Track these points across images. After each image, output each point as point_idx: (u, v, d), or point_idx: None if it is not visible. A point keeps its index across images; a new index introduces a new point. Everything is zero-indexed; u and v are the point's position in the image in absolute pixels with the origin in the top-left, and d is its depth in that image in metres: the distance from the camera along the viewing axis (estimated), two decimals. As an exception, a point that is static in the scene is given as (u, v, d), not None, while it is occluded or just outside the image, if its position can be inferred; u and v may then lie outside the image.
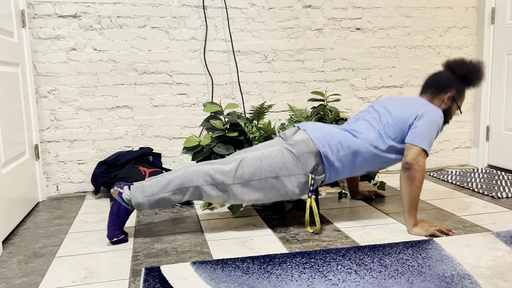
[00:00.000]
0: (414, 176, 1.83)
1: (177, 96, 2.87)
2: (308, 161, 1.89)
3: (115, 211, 1.84)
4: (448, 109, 2.06)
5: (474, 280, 1.43)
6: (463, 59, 2.05)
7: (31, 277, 1.57)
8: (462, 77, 2.03)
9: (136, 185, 1.88)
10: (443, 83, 2.03)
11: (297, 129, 2.03)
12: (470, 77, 2.03)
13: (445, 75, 2.04)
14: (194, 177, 1.87)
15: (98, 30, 2.70)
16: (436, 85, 2.04)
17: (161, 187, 1.86)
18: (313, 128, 1.97)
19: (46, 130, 2.71)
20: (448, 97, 2.03)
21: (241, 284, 1.44)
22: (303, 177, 1.89)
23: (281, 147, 1.92)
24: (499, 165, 3.15)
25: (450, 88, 2.03)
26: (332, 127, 2.00)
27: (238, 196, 1.89)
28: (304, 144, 1.90)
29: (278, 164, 1.88)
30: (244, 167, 1.88)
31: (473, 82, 2.04)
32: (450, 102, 2.04)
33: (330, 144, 1.91)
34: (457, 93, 2.04)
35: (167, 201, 1.87)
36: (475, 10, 3.24)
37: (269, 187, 1.89)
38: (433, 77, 2.07)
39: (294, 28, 2.98)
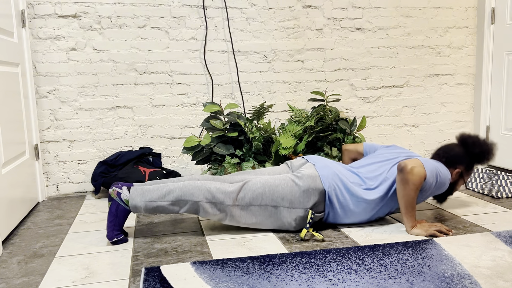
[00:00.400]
0: (407, 179, 1.82)
1: (177, 96, 2.87)
2: (311, 196, 1.89)
3: (113, 211, 1.84)
4: (454, 183, 2.08)
5: (474, 280, 1.43)
6: (478, 137, 2.08)
7: (31, 277, 1.57)
8: (474, 156, 2.06)
9: (136, 188, 1.88)
10: (455, 158, 2.05)
11: (305, 162, 2.03)
12: (482, 158, 2.06)
13: (458, 151, 2.06)
14: (195, 192, 1.87)
15: (98, 30, 2.70)
16: (447, 159, 2.06)
17: (160, 195, 1.86)
18: (322, 164, 1.97)
19: (46, 130, 2.71)
20: (456, 173, 2.05)
21: (241, 284, 1.44)
22: (302, 212, 1.90)
23: (287, 177, 1.92)
24: (499, 165, 3.15)
25: (460, 164, 2.05)
26: (341, 167, 2.00)
27: (235, 218, 1.90)
28: (311, 180, 1.90)
29: (281, 194, 1.88)
30: (246, 191, 1.88)
31: (483, 163, 2.08)
32: (457, 178, 2.07)
33: (336, 185, 1.92)
34: (466, 169, 2.07)
35: (164, 209, 1.88)
36: (475, 10, 3.24)
37: (267, 215, 1.90)
38: (445, 149, 2.08)
39: (294, 28, 2.98)
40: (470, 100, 3.33)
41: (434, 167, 1.89)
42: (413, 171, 1.81)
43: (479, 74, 3.25)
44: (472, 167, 2.09)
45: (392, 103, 3.21)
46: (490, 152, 2.06)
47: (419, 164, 1.84)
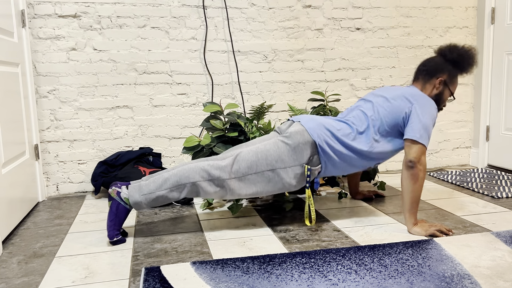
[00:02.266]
0: (418, 175, 1.83)
1: (177, 96, 2.87)
2: (304, 152, 1.89)
3: (114, 210, 1.84)
4: (440, 94, 2.05)
5: (474, 280, 1.43)
6: (455, 44, 2.05)
7: (31, 277, 1.57)
8: (453, 61, 2.03)
9: (133, 184, 1.88)
10: (434, 67, 2.03)
11: (292, 122, 2.04)
12: (461, 62, 2.02)
13: (437, 60, 2.04)
14: (190, 173, 1.87)
15: (98, 30, 2.70)
16: (427, 70, 2.04)
17: (158, 185, 1.86)
18: (308, 119, 1.98)
19: (46, 130, 2.71)
20: (439, 82, 2.02)
21: (241, 284, 1.44)
22: (299, 169, 1.89)
23: (276, 140, 1.93)
24: (499, 165, 3.15)
25: (441, 72, 2.02)
26: (327, 119, 2.01)
27: (235, 191, 1.89)
28: (299, 135, 1.90)
29: (273, 156, 1.88)
30: (240, 162, 1.88)
31: (464, 67, 2.04)
32: (441, 87, 2.03)
33: (324, 135, 1.92)
34: (449, 77, 2.03)
35: (165, 198, 1.87)
36: (475, 10, 3.24)
37: (266, 180, 1.90)
38: (425, 62, 2.07)
39: (294, 28, 2.98)
40: (470, 100, 3.33)
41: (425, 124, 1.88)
42: (421, 166, 1.84)
43: (479, 74, 3.25)
44: (454, 74, 2.04)
45: (392, 103, 3.21)
46: (469, 55, 2.01)
47: (421, 151, 1.85)
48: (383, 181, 2.73)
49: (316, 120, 1.97)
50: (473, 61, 2.03)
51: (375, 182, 2.71)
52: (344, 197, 2.54)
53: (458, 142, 3.35)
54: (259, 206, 2.41)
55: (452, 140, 3.34)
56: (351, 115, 2.03)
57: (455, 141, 3.35)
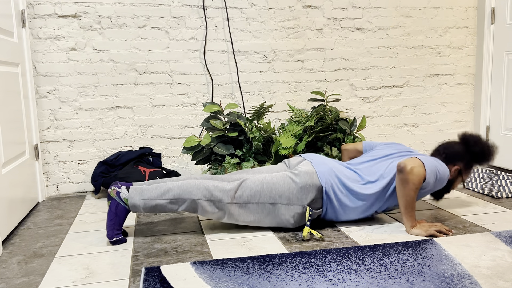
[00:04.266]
0: (407, 179, 1.82)
1: (177, 96, 2.87)
2: (309, 193, 1.90)
3: (113, 210, 1.85)
4: (453, 181, 2.08)
5: (474, 280, 1.43)
6: (479, 137, 2.08)
7: (31, 277, 1.57)
8: (474, 155, 2.06)
9: (135, 187, 1.88)
10: (455, 155, 2.05)
11: (303, 159, 2.04)
12: (482, 157, 2.06)
13: (457, 148, 2.06)
14: (193, 190, 1.88)
15: (98, 30, 2.70)
16: (447, 155, 2.06)
17: (159, 193, 1.87)
18: (319, 162, 1.98)
19: (46, 130, 2.71)
20: (455, 170, 2.05)
21: (241, 284, 1.44)
22: (300, 209, 1.90)
23: (284, 174, 1.93)
24: (499, 165, 3.15)
25: (459, 162, 2.05)
26: (338, 164, 2.01)
27: (233, 216, 1.91)
28: (308, 176, 1.90)
29: (278, 191, 1.89)
30: (244, 189, 1.89)
31: (482, 163, 2.08)
32: (456, 175, 2.07)
33: (333, 181, 1.93)
34: (465, 167, 2.07)
35: (163, 208, 1.88)
36: (475, 10, 3.24)
37: (266, 212, 1.91)
38: (446, 146, 2.09)
39: (294, 28, 2.98)
40: (470, 100, 3.33)
41: (433, 164, 1.89)
42: (413, 171, 1.81)
43: (479, 74, 3.25)
44: (471, 165, 2.08)
45: (392, 103, 3.21)
46: (490, 153, 2.06)
47: (419, 164, 1.84)
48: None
49: (327, 164, 1.97)
50: (492, 158, 2.07)
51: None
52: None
53: (458, 142, 3.35)
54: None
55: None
56: (362, 167, 2.02)
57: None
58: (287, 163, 2.09)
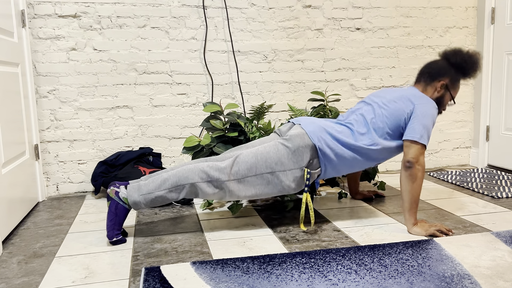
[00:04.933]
0: (416, 175, 1.83)
1: (177, 96, 2.87)
2: (304, 155, 1.89)
3: (113, 210, 1.84)
4: (441, 98, 2.05)
5: (474, 280, 1.43)
6: (460, 48, 2.05)
7: (31, 277, 1.57)
8: (456, 65, 2.02)
9: (132, 184, 1.88)
10: (437, 70, 2.03)
11: (292, 125, 2.03)
12: (464, 66, 2.01)
13: (440, 63, 2.04)
14: (189, 174, 1.87)
15: (98, 30, 2.70)
16: (430, 73, 2.04)
17: (156, 185, 1.86)
18: (308, 121, 1.98)
19: (46, 130, 2.71)
20: (441, 85, 2.02)
21: (241, 284, 1.44)
22: (299, 172, 1.89)
23: (276, 142, 1.93)
24: (499, 165, 3.15)
25: (444, 76, 2.02)
26: (327, 121, 2.01)
27: (234, 192, 1.89)
28: (299, 138, 1.90)
29: (273, 159, 1.88)
30: (239, 163, 1.88)
31: (468, 72, 2.03)
32: (443, 90, 2.03)
33: (325, 138, 1.92)
34: (451, 82, 2.03)
35: (163, 199, 1.87)
36: (475, 10, 3.24)
37: (265, 182, 1.89)
38: (428, 65, 2.07)
39: (294, 28, 2.98)
40: (470, 100, 3.33)
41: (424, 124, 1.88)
42: (420, 166, 1.83)
43: (479, 74, 3.25)
44: (457, 78, 2.04)
45: (392, 103, 3.21)
46: (473, 60, 2.01)
47: (420, 152, 1.85)
48: (383, 181, 2.73)
49: (316, 123, 1.97)
50: (477, 66, 2.02)
51: (375, 182, 2.71)
52: (344, 197, 2.54)
53: (458, 142, 3.35)
54: (259, 206, 2.41)
55: (452, 140, 3.34)
56: (351, 118, 2.02)
57: (455, 141, 3.35)
58: (277, 132, 2.07)
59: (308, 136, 1.91)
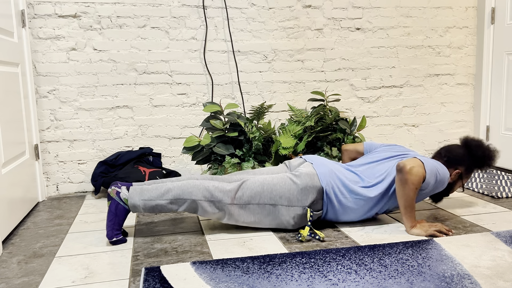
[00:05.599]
0: (407, 179, 1.82)
1: (177, 96, 2.87)
2: (309, 195, 1.89)
3: (113, 210, 1.84)
4: (453, 184, 2.08)
5: (474, 280, 1.43)
6: (482, 142, 2.09)
7: (31, 277, 1.57)
8: (476, 159, 2.06)
9: (135, 187, 1.88)
10: (456, 159, 2.05)
11: (303, 161, 2.04)
12: (483, 162, 2.06)
13: (460, 152, 2.06)
14: (193, 190, 1.87)
15: (98, 30, 2.70)
16: (448, 158, 2.06)
17: (159, 193, 1.87)
18: (319, 163, 1.98)
19: (46, 130, 2.71)
20: (456, 173, 2.05)
21: (241, 284, 1.44)
22: (300, 210, 1.90)
23: (284, 176, 1.93)
24: (499, 165, 3.15)
25: (461, 165, 2.06)
26: (338, 166, 2.01)
27: (234, 216, 1.90)
28: (309, 178, 1.90)
29: (278, 192, 1.89)
30: (244, 189, 1.88)
31: (483, 167, 2.08)
32: (456, 178, 2.07)
33: (333, 183, 1.93)
34: (466, 171, 2.07)
35: (163, 208, 1.88)
36: (475, 10, 3.24)
37: (266, 213, 1.91)
38: (448, 149, 2.09)
39: (294, 28, 2.98)
40: (470, 100, 3.33)
41: (433, 166, 1.89)
42: (412, 171, 1.81)
43: (479, 74, 3.25)
44: (472, 169, 2.09)
45: (392, 103, 3.21)
46: (492, 157, 2.06)
47: (418, 164, 1.84)
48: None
49: (327, 166, 1.97)
50: (494, 163, 2.08)
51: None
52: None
53: (458, 142, 3.35)
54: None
55: (452, 140, 3.34)
56: (362, 169, 2.03)
57: (455, 141, 3.35)
58: (287, 164, 2.09)
59: (318, 178, 1.91)
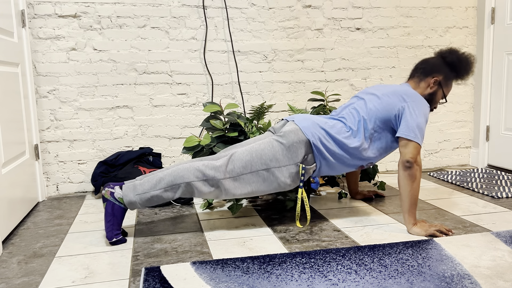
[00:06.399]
0: (415, 175, 1.84)
1: (177, 96, 2.87)
2: (298, 151, 1.89)
3: (110, 211, 1.84)
4: (433, 94, 2.06)
5: (474, 280, 1.43)
6: (456, 48, 2.08)
7: (31, 277, 1.57)
8: (450, 64, 2.05)
9: (127, 184, 1.88)
10: (431, 67, 2.05)
11: (286, 122, 2.04)
12: (459, 66, 2.04)
13: (435, 60, 2.07)
14: (185, 173, 1.87)
15: (98, 30, 2.70)
16: (424, 68, 2.06)
17: (152, 185, 1.86)
18: (301, 118, 1.99)
19: (46, 130, 2.71)
20: (434, 81, 2.04)
21: (241, 284, 1.44)
22: (294, 168, 1.90)
23: (270, 139, 1.93)
24: (499, 165, 3.15)
25: (437, 72, 2.04)
26: (321, 117, 2.02)
27: (230, 190, 1.89)
28: (294, 134, 1.91)
29: (268, 156, 1.89)
30: (234, 161, 1.88)
31: (460, 72, 2.06)
32: (436, 87, 2.05)
33: (318, 133, 1.93)
34: (444, 79, 2.05)
35: (159, 198, 1.87)
36: (475, 10, 3.24)
37: (261, 180, 1.90)
38: (423, 61, 2.09)
39: (294, 28, 2.98)
40: (470, 100, 3.33)
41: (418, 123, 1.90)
42: (418, 166, 1.85)
43: (479, 74, 3.25)
44: (450, 77, 2.06)
45: (392, 103, 3.21)
46: (467, 62, 2.04)
47: (417, 151, 1.86)
48: (383, 181, 2.73)
49: (310, 119, 1.98)
50: (471, 67, 2.05)
51: (375, 182, 2.71)
52: (344, 197, 2.54)
53: (458, 142, 3.35)
54: (259, 206, 2.41)
55: (452, 140, 3.34)
56: (344, 113, 2.04)
57: (455, 141, 3.35)
58: (272, 130, 2.07)
59: (302, 132, 1.92)
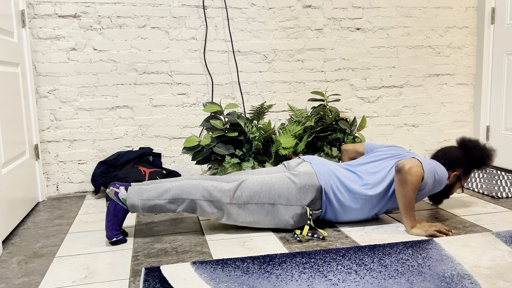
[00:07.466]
0: (406, 179, 1.82)
1: (177, 96, 2.87)
2: (308, 194, 1.89)
3: (111, 210, 1.84)
4: (451, 186, 2.08)
5: (474, 280, 1.43)
6: (478, 142, 2.09)
7: (31, 277, 1.57)
8: (473, 160, 2.06)
9: (134, 187, 1.88)
10: (453, 161, 2.05)
11: (302, 161, 2.04)
12: (481, 162, 2.06)
13: (457, 154, 2.07)
14: (192, 190, 1.87)
15: (98, 30, 2.70)
16: (446, 160, 2.06)
17: (158, 193, 1.87)
18: (318, 162, 1.99)
19: (46, 130, 2.71)
20: (454, 175, 2.06)
21: (241, 284, 1.44)
22: (299, 209, 1.90)
23: (283, 175, 1.93)
24: (499, 165, 3.15)
25: (458, 167, 2.06)
26: (337, 166, 2.01)
27: (232, 216, 1.90)
28: (308, 177, 1.90)
29: (277, 191, 1.89)
30: (243, 189, 1.88)
31: (481, 167, 2.08)
32: (454, 180, 2.07)
33: (332, 181, 1.93)
34: (464, 173, 2.08)
35: (162, 208, 1.88)
36: (475, 10, 3.24)
37: (265, 213, 1.90)
38: (444, 151, 2.09)
39: (294, 28, 2.98)
40: (470, 100, 3.33)
41: (431, 166, 1.89)
42: (411, 171, 1.81)
43: (479, 74, 3.25)
44: (470, 171, 2.09)
45: (392, 103, 3.21)
46: (489, 157, 2.06)
47: (417, 164, 1.84)
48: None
49: (326, 165, 1.97)
50: (491, 162, 2.08)
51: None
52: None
53: (458, 142, 3.35)
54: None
55: (452, 140, 3.34)
56: (362, 168, 2.03)
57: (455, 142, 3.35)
58: (286, 165, 2.09)
59: (317, 177, 1.91)
